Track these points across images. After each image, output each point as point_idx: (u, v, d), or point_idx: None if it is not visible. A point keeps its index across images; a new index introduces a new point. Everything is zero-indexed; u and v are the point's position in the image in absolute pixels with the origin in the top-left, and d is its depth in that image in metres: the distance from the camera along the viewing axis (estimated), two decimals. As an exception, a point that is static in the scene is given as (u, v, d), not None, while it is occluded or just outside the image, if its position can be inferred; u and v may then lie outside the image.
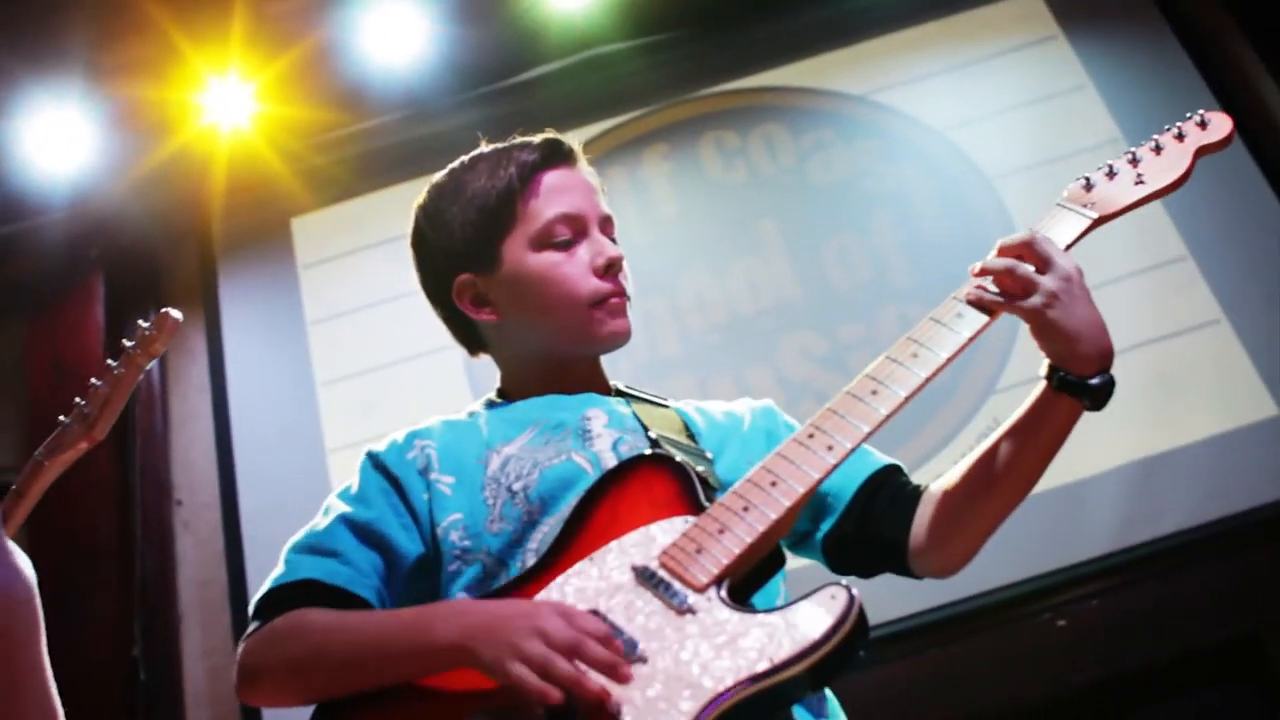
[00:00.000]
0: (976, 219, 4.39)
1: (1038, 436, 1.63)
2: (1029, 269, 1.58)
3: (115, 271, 4.81)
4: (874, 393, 1.55)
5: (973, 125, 4.57)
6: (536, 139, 1.89)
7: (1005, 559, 3.85)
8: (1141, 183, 1.70)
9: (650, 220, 4.67)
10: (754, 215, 4.61)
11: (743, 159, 4.71)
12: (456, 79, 4.64)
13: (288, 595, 1.64)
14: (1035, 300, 1.56)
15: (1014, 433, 1.66)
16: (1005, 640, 4.04)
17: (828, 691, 1.66)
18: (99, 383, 2.20)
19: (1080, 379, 1.58)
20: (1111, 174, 1.72)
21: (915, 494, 1.77)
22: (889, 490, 1.79)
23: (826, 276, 4.46)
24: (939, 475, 1.75)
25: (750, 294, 4.48)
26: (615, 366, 1.94)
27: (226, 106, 4.52)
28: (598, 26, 4.62)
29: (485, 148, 1.91)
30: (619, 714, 1.34)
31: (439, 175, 1.91)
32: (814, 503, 1.79)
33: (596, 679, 1.36)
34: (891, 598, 3.72)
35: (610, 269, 1.81)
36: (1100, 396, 1.59)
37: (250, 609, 1.68)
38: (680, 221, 4.66)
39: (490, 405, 1.87)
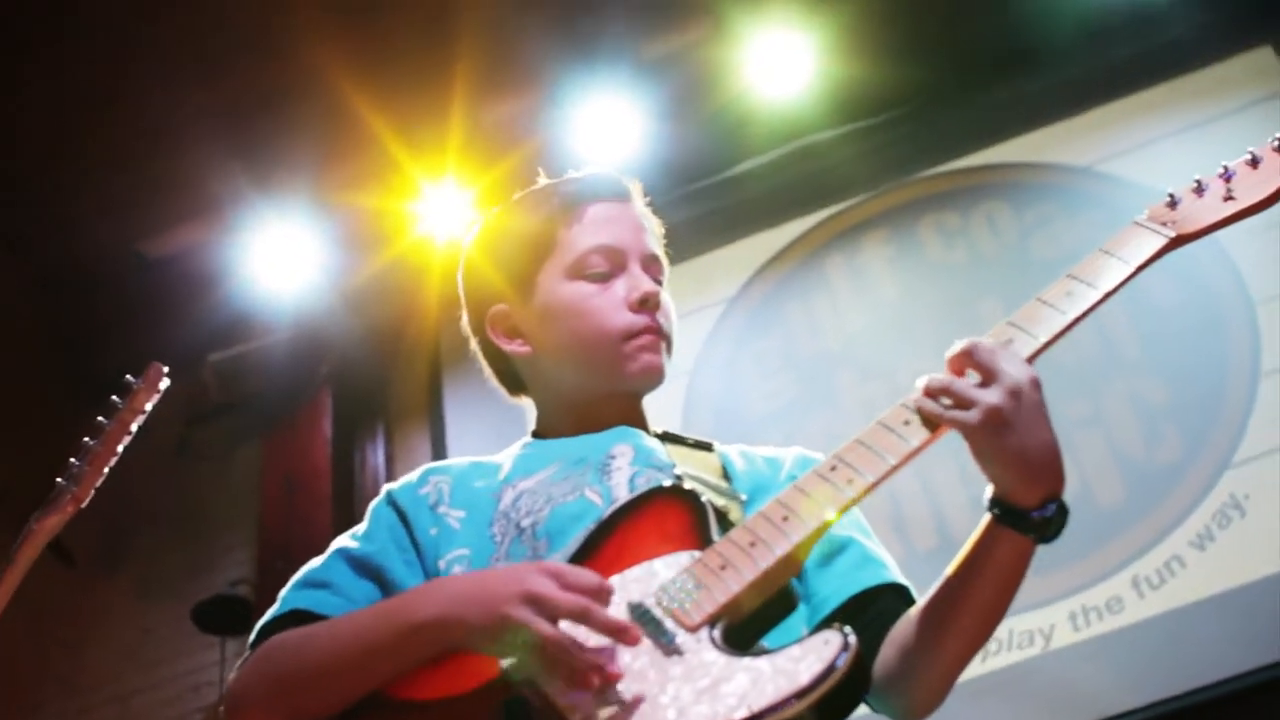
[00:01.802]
0: (1209, 285, 4.21)
1: (984, 574, 1.43)
2: (969, 384, 1.39)
3: (342, 386, 4.88)
4: (906, 423, 1.40)
5: (1204, 190, 4.40)
6: (585, 172, 1.84)
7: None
8: (1231, 199, 1.52)
9: (871, 305, 4.61)
10: (976, 295, 4.50)
11: (964, 239, 4.62)
12: (668, 177, 4.62)
13: (277, 628, 1.58)
14: (969, 416, 1.36)
15: (962, 569, 1.45)
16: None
17: None
18: (90, 441, 2.05)
19: (1021, 509, 1.37)
20: (1200, 189, 1.54)
21: (885, 629, 1.56)
22: (871, 615, 1.58)
23: (1051, 352, 4.30)
24: (1172, 557, 1.56)
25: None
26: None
27: (442, 215, 4.56)
28: (808, 114, 4.60)
29: (538, 184, 1.86)
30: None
31: (490, 213, 1.87)
32: (806, 594, 1.62)
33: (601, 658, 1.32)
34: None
35: (645, 303, 1.72)
36: (1046, 530, 1.38)
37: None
38: (901, 305, 4.59)
39: (524, 445, 1.80)
